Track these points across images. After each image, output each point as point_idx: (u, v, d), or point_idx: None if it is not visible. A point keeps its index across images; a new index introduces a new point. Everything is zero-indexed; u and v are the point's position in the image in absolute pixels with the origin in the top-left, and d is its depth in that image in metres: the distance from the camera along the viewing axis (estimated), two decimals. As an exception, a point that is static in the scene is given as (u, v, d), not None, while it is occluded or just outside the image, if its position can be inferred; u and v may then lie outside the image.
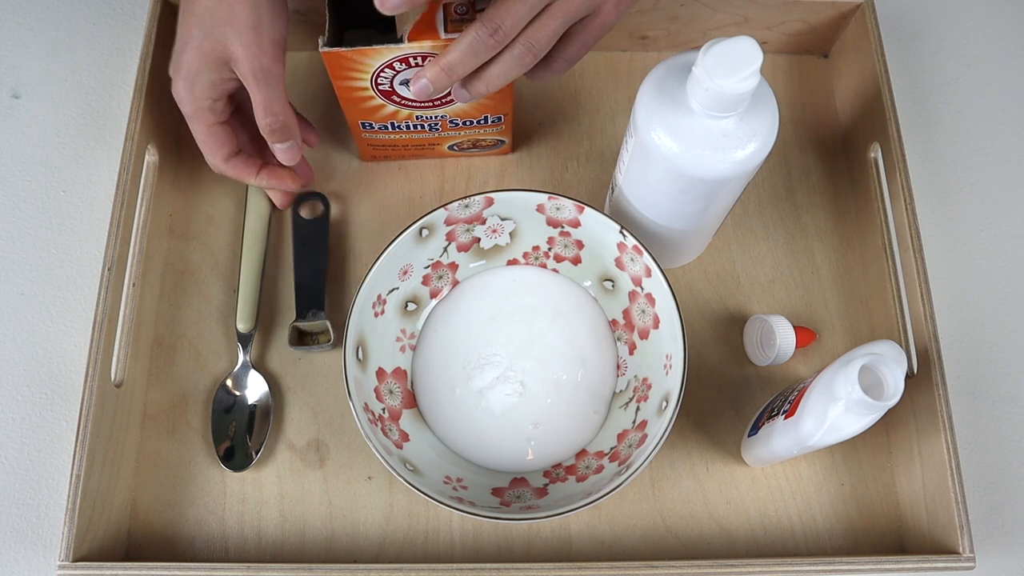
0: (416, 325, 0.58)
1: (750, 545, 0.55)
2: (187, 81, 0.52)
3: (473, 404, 0.55)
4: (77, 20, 0.69)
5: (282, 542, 0.55)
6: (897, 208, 0.58)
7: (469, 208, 0.55)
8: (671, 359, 0.51)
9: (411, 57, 0.51)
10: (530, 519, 0.48)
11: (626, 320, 0.57)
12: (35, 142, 0.65)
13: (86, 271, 0.61)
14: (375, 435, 0.49)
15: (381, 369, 0.55)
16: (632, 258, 0.54)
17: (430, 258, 0.57)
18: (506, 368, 0.56)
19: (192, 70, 0.51)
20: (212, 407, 0.57)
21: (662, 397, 0.51)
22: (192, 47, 0.51)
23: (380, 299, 0.54)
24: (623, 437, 0.53)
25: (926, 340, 0.54)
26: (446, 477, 0.52)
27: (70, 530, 0.49)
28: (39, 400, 0.58)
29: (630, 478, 0.47)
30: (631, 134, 0.49)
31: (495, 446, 0.55)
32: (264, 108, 0.52)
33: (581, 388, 0.56)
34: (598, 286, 0.58)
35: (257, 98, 0.52)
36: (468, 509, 0.48)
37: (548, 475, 0.54)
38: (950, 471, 0.52)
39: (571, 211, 0.55)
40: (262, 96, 0.52)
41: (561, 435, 0.55)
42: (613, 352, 0.57)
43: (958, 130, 0.68)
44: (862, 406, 0.43)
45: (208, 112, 0.53)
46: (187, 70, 0.52)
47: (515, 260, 0.59)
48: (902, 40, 0.70)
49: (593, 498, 0.47)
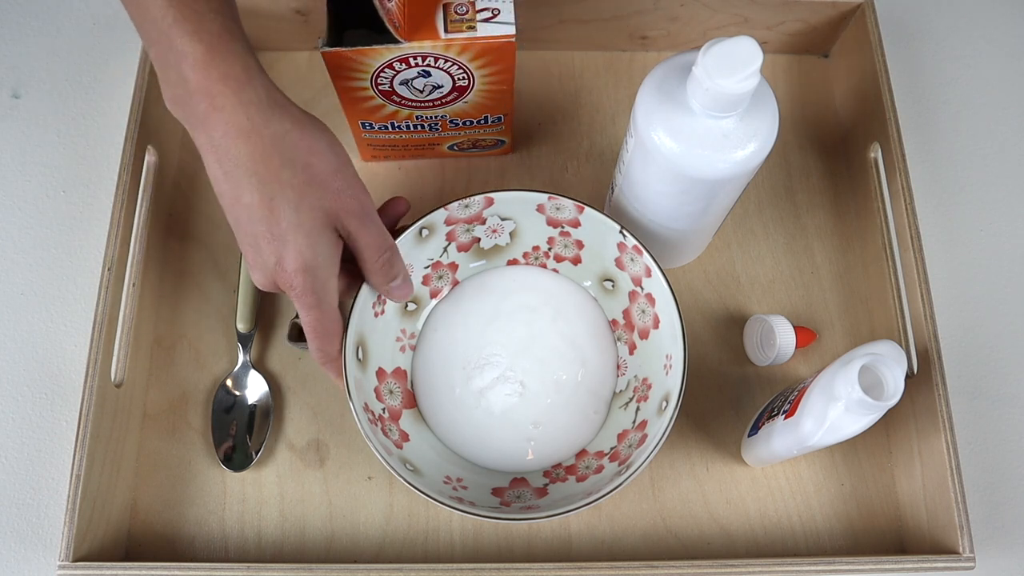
0: (416, 325, 0.58)
1: (750, 545, 0.55)
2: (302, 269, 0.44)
3: (473, 404, 0.55)
4: (77, 20, 0.69)
5: (282, 542, 0.55)
6: (897, 208, 0.58)
7: (469, 208, 0.55)
8: (671, 359, 0.51)
9: (411, 57, 0.51)
10: (530, 519, 0.48)
11: (626, 320, 0.57)
12: (35, 142, 0.65)
13: (86, 271, 0.61)
14: (375, 435, 0.49)
15: (381, 369, 0.55)
16: (632, 258, 0.54)
17: (430, 258, 0.57)
18: (506, 368, 0.56)
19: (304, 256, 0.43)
20: (212, 407, 0.57)
21: (662, 397, 0.51)
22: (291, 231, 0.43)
23: (380, 299, 0.54)
24: (623, 437, 0.53)
25: (926, 340, 0.54)
26: (446, 477, 0.52)
27: (70, 530, 0.49)
28: (39, 400, 0.58)
29: (630, 478, 0.47)
30: (631, 134, 0.49)
31: (495, 446, 0.55)
32: (375, 247, 0.47)
33: (581, 388, 0.56)
34: (598, 286, 0.58)
35: (367, 241, 0.46)
36: (468, 509, 0.48)
37: (548, 475, 0.54)
38: (950, 471, 0.52)
39: (571, 211, 0.55)
40: (371, 238, 0.46)
41: (561, 435, 0.55)
42: (613, 352, 0.57)
43: (958, 130, 0.68)
44: (862, 406, 0.43)
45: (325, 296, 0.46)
46: (298, 259, 0.43)
47: (515, 260, 0.59)
48: (902, 40, 0.70)
49: (593, 498, 0.47)
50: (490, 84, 0.55)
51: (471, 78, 0.54)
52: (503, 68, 0.53)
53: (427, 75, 0.53)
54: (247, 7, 0.63)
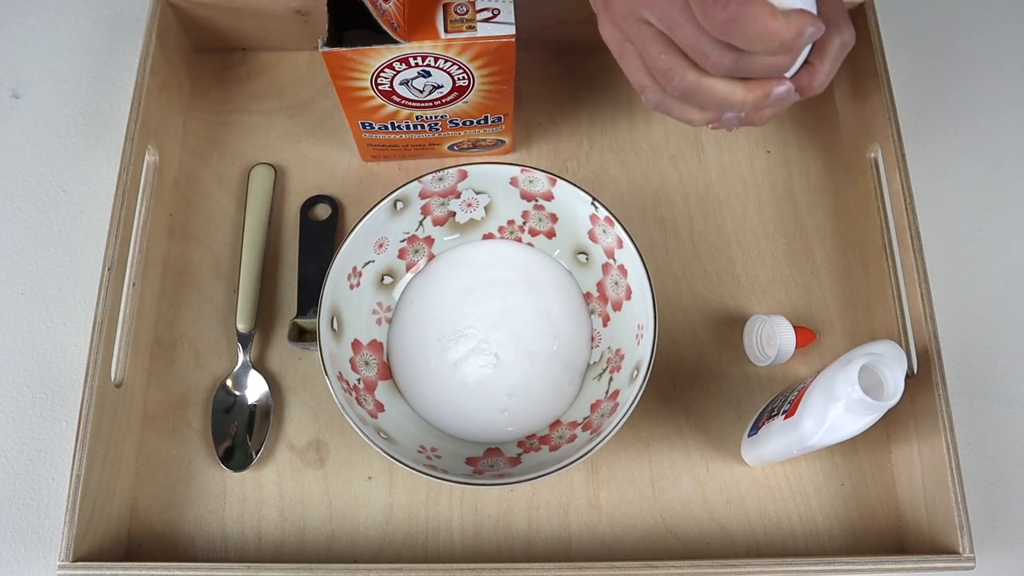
0: (392, 298, 0.58)
1: (750, 545, 0.55)
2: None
3: (448, 375, 0.56)
4: (77, 20, 0.69)
5: (282, 542, 0.55)
6: (897, 208, 0.58)
7: (443, 181, 0.55)
8: (643, 328, 0.52)
9: (411, 57, 0.51)
10: (502, 484, 0.48)
11: (600, 292, 0.57)
12: (35, 142, 0.65)
13: (86, 271, 0.61)
14: (350, 405, 0.50)
15: (357, 340, 0.55)
16: (604, 230, 0.54)
17: (405, 231, 0.57)
18: (481, 340, 0.56)
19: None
20: (212, 407, 0.57)
21: (633, 366, 0.52)
22: None
23: (355, 271, 0.55)
24: (596, 407, 0.54)
25: (926, 340, 0.54)
26: (420, 447, 0.53)
27: (70, 530, 0.49)
28: (39, 400, 0.58)
29: (600, 444, 0.48)
30: None
31: (469, 417, 0.55)
32: None
33: (555, 360, 0.56)
34: (572, 259, 0.58)
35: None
36: (441, 475, 0.48)
37: (522, 445, 0.55)
38: (950, 471, 0.52)
39: (544, 184, 0.55)
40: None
41: (535, 406, 0.55)
42: (587, 325, 0.57)
43: (958, 130, 0.68)
44: (862, 406, 0.43)
45: None
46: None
47: (490, 234, 0.59)
48: (902, 40, 0.70)
49: (563, 464, 0.48)
50: (490, 84, 0.55)
51: (471, 78, 0.54)
52: (503, 68, 0.53)
53: (427, 75, 0.53)
54: (247, 7, 0.63)
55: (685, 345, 0.60)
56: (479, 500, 0.56)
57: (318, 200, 0.62)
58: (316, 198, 0.63)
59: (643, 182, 0.64)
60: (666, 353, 0.59)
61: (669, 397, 0.58)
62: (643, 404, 0.58)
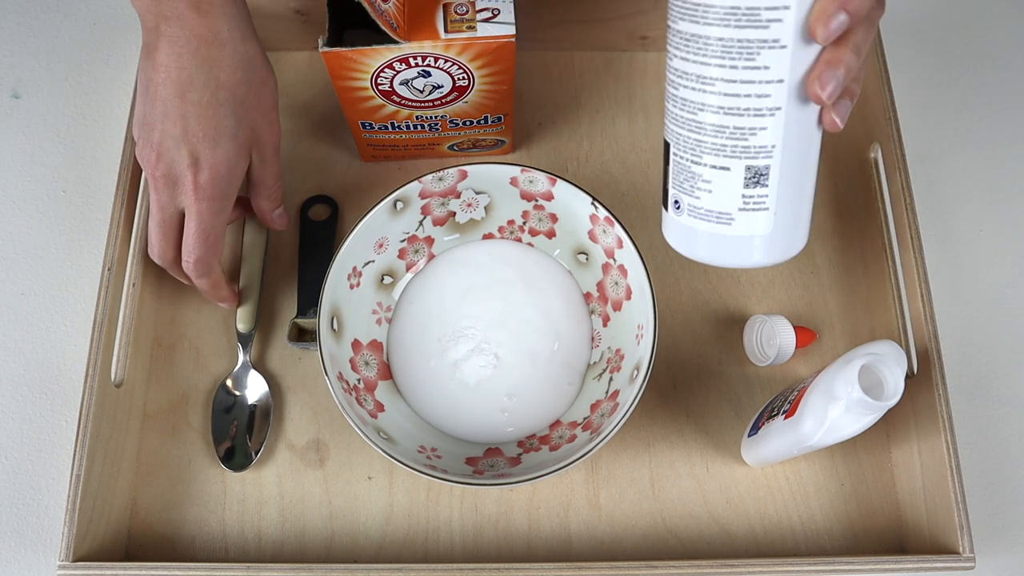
0: (392, 298, 0.58)
1: (750, 545, 0.55)
2: (227, 175, 0.50)
3: (448, 376, 0.56)
4: (77, 20, 0.69)
5: (282, 542, 0.55)
6: (897, 208, 0.58)
7: (443, 181, 0.55)
8: (643, 328, 0.52)
9: (411, 57, 0.51)
10: (502, 484, 0.48)
11: (600, 292, 0.57)
12: (35, 142, 0.65)
13: (86, 271, 0.61)
14: (350, 405, 0.50)
15: (357, 340, 0.55)
16: (604, 230, 0.54)
17: (405, 231, 0.57)
18: (481, 340, 0.56)
19: (231, 163, 0.50)
20: (212, 407, 0.57)
21: (633, 366, 0.52)
22: (227, 138, 0.49)
23: (355, 271, 0.55)
24: (596, 407, 0.54)
25: (926, 340, 0.54)
26: (420, 447, 0.53)
27: (70, 530, 0.49)
28: (39, 400, 0.58)
29: (599, 444, 0.48)
30: None
31: (469, 417, 0.55)
32: (275, 176, 0.55)
33: (555, 360, 0.56)
34: (572, 259, 0.58)
35: (271, 170, 0.54)
36: (441, 475, 0.48)
37: (522, 445, 0.55)
38: (950, 471, 0.52)
39: (544, 184, 0.55)
40: (275, 168, 0.55)
41: (535, 406, 0.56)
42: (587, 325, 0.58)
43: (958, 130, 0.68)
44: (862, 406, 0.43)
45: (230, 205, 0.52)
46: (227, 165, 0.50)
47: (490, 234, 0.59)
48: (902, 40, 0.70)
49: (563, 464, 0.48)
50: (490, 84, 0.55)
51: (471, 78, 0.54)
52: (503, 68, 0.53)
53: (427, 75, 0.53)
54: (247, 7, 0.63)
55: (685, 345, 0.60)
56: (479, 500, 0.56)
57: (318, 200, 0.63)
58: (316, 198, 0.63)
59: (643, 182, 0.64)
60: (666, 353, 0.59)
61: (669, 397, 0.58)
62: (643, 404, 0.58)
